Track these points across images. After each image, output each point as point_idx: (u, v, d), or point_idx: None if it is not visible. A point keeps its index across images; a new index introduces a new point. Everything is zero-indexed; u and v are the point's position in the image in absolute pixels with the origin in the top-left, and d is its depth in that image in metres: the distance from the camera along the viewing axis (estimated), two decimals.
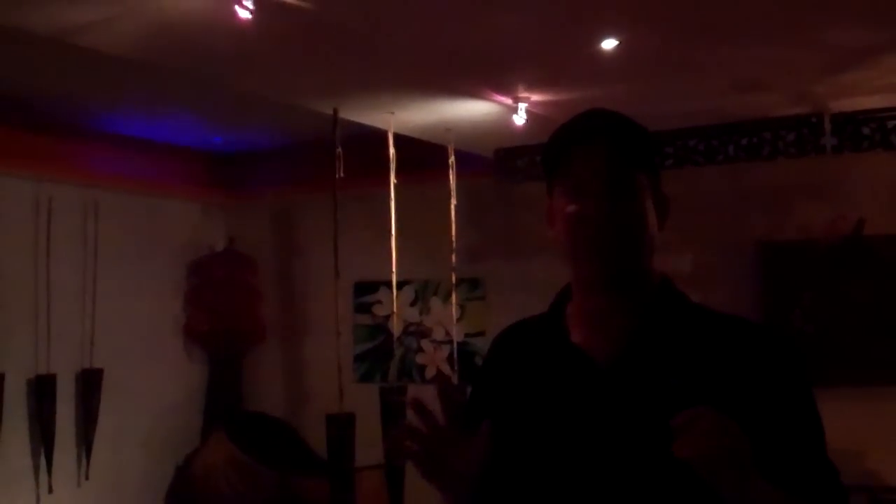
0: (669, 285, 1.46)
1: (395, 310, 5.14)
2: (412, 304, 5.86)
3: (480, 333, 5.64)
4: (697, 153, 5.10)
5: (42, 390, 5.25)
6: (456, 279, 5.14)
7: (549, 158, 1.46)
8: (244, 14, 3.02)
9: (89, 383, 5.50)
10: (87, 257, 5.57)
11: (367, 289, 5.95)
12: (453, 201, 4.99)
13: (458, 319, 5.34)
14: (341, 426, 4.70)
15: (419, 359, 5.84)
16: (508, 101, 4.34)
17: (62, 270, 5.40)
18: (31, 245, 5.30)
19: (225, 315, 6.19)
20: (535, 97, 4.32)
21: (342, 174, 4.53)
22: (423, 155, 5.05)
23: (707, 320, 1.43)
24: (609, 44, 3.62)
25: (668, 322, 1.41)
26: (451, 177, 4.95)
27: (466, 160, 5.14)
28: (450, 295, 5.27)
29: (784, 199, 4.99)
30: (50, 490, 5.27)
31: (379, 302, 5.93)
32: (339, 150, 4.48)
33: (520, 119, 4.39)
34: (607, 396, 1.38)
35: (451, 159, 4.95)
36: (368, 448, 4.89)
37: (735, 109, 4.80)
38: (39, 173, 5.33)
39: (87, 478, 5.49)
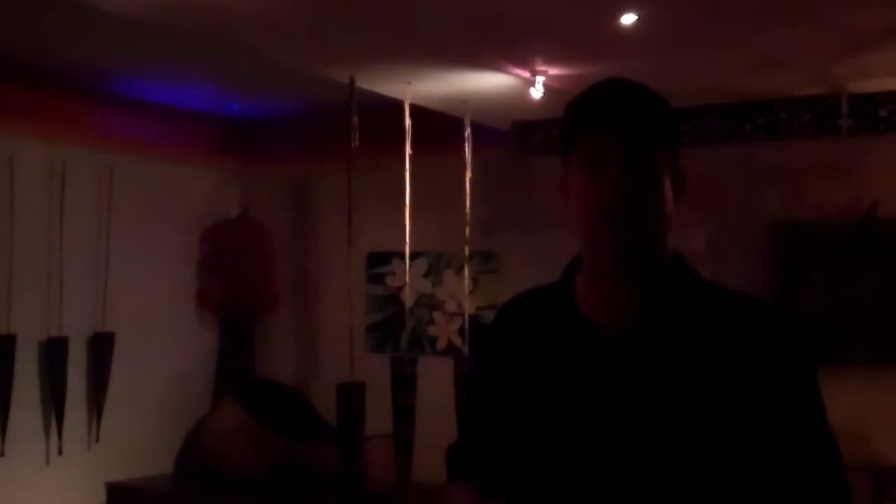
0: (681, 262, 1.45)
1: (407, 281, 5.15)
2: (425, 275, 5.87)
3: (492, 307, 5.64)
4: (714, 131, 5.07)
5: (54, 353, 5.29)
6: (469, 252, 5.15)
7: (568, 129, 1.44)
8: None
9: (101, 347, 5.54)
10: (100, 221, 5.59)
11: (381, 259, 5.96)
12: (468, 174, 4.98)
13: (471, 292, 5.35)
14: (352, 395, 4.73)
15: (431, 330, 5.86)
16: (526, 74, 4.33)
17: (76, 234, 5.43)
18: (45, 208, 5.33)
19: (238, 282, 6.21)
20: (553, 71, 4.31)
21: (357, 144, 4.52)
22: (439, 127, 5.04)
23: (717, 298, 1.42)
24: (628, 18, 3.60)
25: (680, 299, 1.40)
26: (466, 149, 4.95)
27: (482, 133, 5.13)
28: (462, 268, 5.27)
29: (799, 180, 4.97)
30: (60, 452, 5.32)
31: (392, 273, 5.94)
32: (355, 119, 4.48)
33: (537, 92, 4.37)
34: (619, 371, 1.38)
35: (467, 131, 4.95)
36: (378, 417, 4.92)
37: (752, 88, 4.77)
38: (55, 136, 5.34)
39: (97, 440, 5.54)
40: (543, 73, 4.31)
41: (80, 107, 5.49)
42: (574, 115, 1.43)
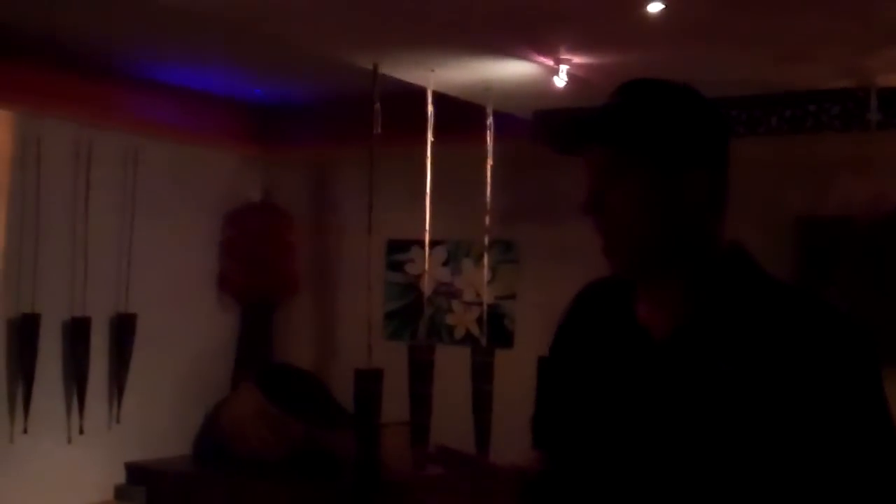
0: (735, 258, 1.39)
1: (426, 269, 5.15)
2: (444, 264, 5.86)
3: (511, 296, 5.63)
4: (739, 123, 5.01)
5: (76, 333, 5.33)
6: (489, 241, 5.13)
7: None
8: None
9: (123, 328, 5.58)
10: (125, 203, 5.62)
11: (400, 247, 5.96)
12: (489, 162, 4.97)
13: (490, 282, 5.33)
14: (369, 381, 4.73)
15: (449, 319, 5.85)
16: (550, 62, 4.30)
17: (100, 215, 5.46)
18: (71, 188, 5.36)
19: (258, 267, 6.23)
20: (577, 59, 4.28)
21: (380, 131, 4.52)
22: (461, 114, 5.02)
23: (771, 298, 1.34)
24: (655, 7, 3.57)
25: (727, 299, 1.34)
26: (488, 137, 4.93)
27: (504, 121, 5.11)
28: (482, 257, 5.26)
29: (825, 174, 4.90)
30: (81, 431, 5.37)
31: (411, 261, 5.94)
32: (378, 106, 4.47)
33: (560, 81, 4.35)
34: (655, 372, 1.35)
35: (489, 120, 4.93)
36: (395, 404, 4.92)
37: (780, 80, 4.72)
38: (81, 117, 5.38)
39: (117, 421, 5.58)
40: (567, 61, 4.28)
41: (106, 89, 5.52)
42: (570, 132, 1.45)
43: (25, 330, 5.10)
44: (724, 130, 1.42)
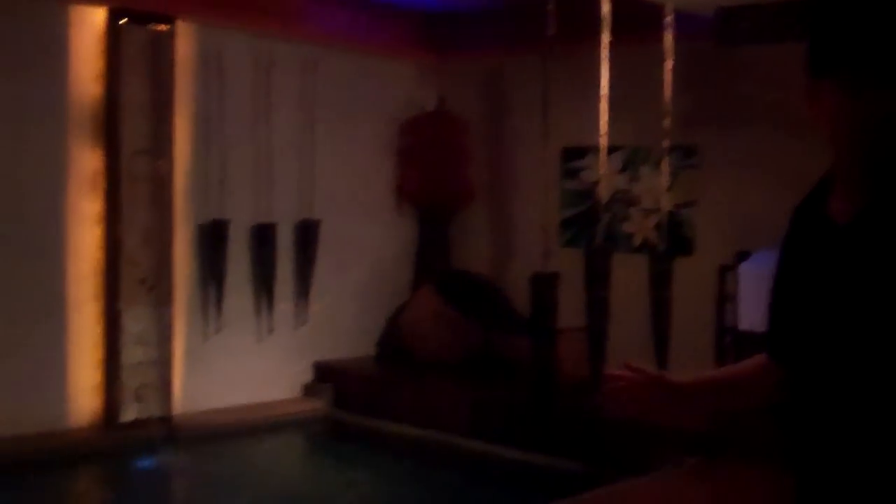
0: None
1: (602, 176, 5.06)
2: (621, 170, 5.74)
3: (691, 203, 5.48)
4: None
5: (263, 238, 5.58)
6: (668, 146, 4.98)
7: None
8: None
9: (307, 233, 5.79)
10: (305, 113, 5.77)
11: (576, 154, 5.87)
12: (669, 64, 4.79)
13: (669, 188, 5.19)
14: (545, 286, 4.74)
15: (626, 227, 5.75)
16: None
17: (282, 125, 5.64)
18: (252, 99, 5.54)
19: (434, 174, 6.29)
20: None
21: (554, 32, 4.42)
22: (638, 14, 4.85)
23: None
24: None
25: None
26: (667, 37, 4.75)
27: (685, 20, 4.90)
28: (660, 163, 5.12)
29: None
30: (270, 331, 5.65)
31: (587, 168, 5.84)
32: (552, 6, 4.37)
33: None
34: (839, 255, 1.42)
35: (668, 18, 4.74)
36: (571, 311, 4.92)
37: None
38: (261, 29, 5.52)
39: (303, 322, 5.84)
40: None
41: (285, 1, 5.63)
42: None
43: (215, 235, 5.37)
44: None
